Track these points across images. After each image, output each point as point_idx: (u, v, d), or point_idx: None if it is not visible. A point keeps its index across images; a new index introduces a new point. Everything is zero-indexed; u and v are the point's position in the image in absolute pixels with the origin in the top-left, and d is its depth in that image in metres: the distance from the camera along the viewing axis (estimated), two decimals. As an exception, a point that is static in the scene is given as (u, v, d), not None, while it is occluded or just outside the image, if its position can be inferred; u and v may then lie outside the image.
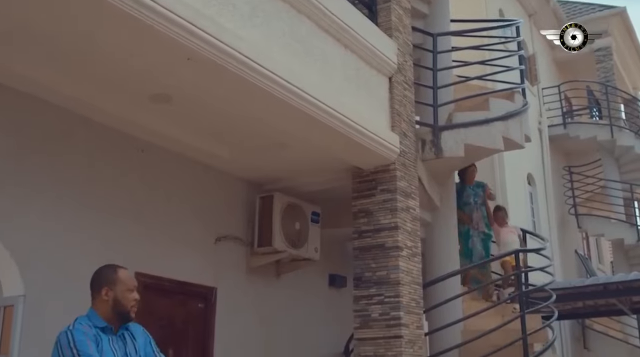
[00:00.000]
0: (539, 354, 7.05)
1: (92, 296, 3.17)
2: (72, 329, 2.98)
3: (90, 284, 3.21)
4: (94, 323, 3.06)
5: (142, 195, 5.75)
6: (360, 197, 6.40)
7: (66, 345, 2.91)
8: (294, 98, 4.96)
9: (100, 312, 3.11)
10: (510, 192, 13.63)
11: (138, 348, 3.15)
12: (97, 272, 3.25)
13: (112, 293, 3.14)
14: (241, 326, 6.54)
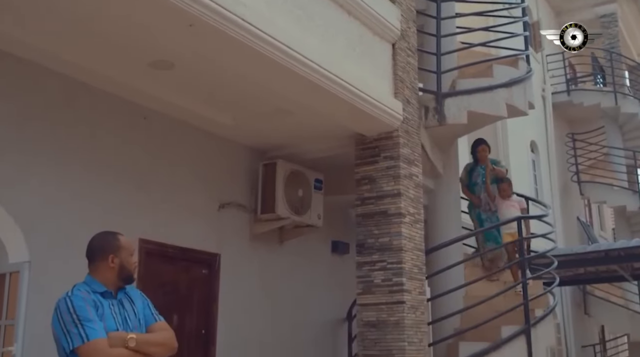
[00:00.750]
0: (539, 319, 7.11)
1: (93, 263, 3.16)
2: (70, 296, 2.97)
3: (91, 252, 3.19)
4: (93, 289, 3.06)
5: (144, 162, 5.76)
6: (363, 164, 6.40)
7: (65, 311, 2.90)
8: (297, 65, 4.94)
9: (100, 279, 3.10)
10: (513, 159, 13.61)
11: (137, 312, 3.16)
12: (97, 240, 3.22)
13: (118, 260, 3.14)
14: (245, 292, 6.60)
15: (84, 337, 2.83)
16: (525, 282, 7.05)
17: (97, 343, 2.84)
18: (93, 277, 3.11)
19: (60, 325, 2.89)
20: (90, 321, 2.89)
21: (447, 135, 7.90)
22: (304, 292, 7.42)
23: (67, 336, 2.85)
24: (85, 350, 2.82)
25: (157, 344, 3.08)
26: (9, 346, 4.31)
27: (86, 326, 2.86)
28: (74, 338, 2.84)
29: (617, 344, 18.08)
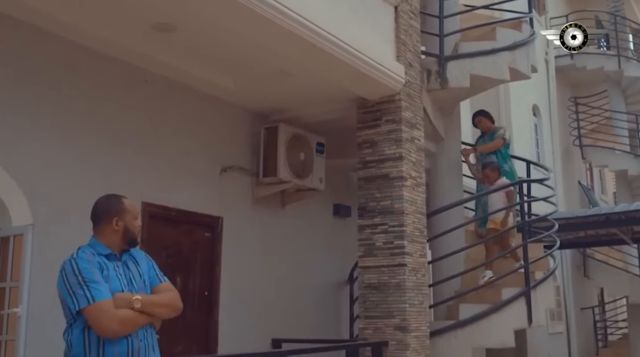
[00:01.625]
0: (539, 282, 7.18)
1: (98, 226, 3.16)
2: (75, 258, 2.97)
3: (96, 215, 3.18)
4: (98, 251, 3.07)
5: (146, 126, 5.75)
6: (365, 127, 6.39)
7: (71, 272, 2.91)
8: (298, 27, 4.89)
9: (105, 242, 3.11)
10: (515, 123, 13.57)
11: (142, 273, 3.16)
12: (102, 203, 3.21)
13: (122, 223, 3.14)
14: (247, 255, 6.66)
15: (89, 299, 2.85)
16: (526, 245, 7.10)
17: (102, 304, 2.86)
18: (97, 239, 3.12)
19: (65, 286, 2.90)
20: (95, 283, 2.90)
21: (449, 99, 7.87)
22: (306, 255, 7.48)
23: (73, 297, 2.87)
24: (91, 311, 2.84)
25: (162, 305, 3.11)
26: (14, 308, 4.36)
27: (92, 287, 2.88)
28: (80, 299, 2.85)
29: (615, 306, 18.29)
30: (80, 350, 2.87)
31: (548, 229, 7.99)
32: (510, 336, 6.75)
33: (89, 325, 2.87)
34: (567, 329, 15.19)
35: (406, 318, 5.86)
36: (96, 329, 2.86)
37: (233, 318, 6.34)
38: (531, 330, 10.16)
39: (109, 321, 2.86)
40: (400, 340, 5.85)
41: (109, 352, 2.87)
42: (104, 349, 2.87)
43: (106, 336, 2.87)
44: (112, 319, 2.87)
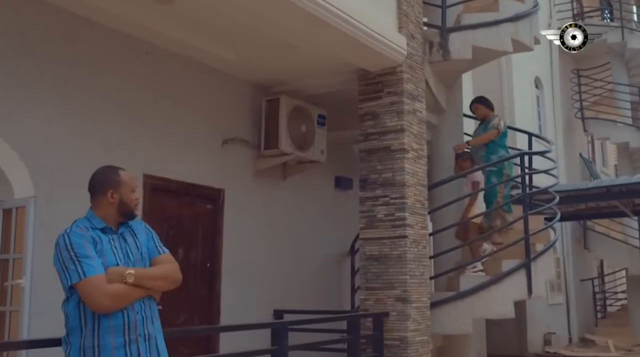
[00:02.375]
0: (540, 253, 7.21)
1: (94, 198, 3.10)
2: (68, 232, 2.93)
3: (92, 186, 3.13)
4: (93, 224, 3.03)
5: (147, 98, 5.73)
6: (367, 99, 6.36)
7: (64, 248, 2.89)
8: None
9: (100, 214, 3.05)
10: (517, 95, 13.51)
11: (140, 245, 3.11)
12: (98, 175, 3.15)
13: (118, 195, 3.08)
14: (249, 227, 6.68)
15: (80, 274, 2.83)
16: (526, 217, 7.12)
17: (93, 279, 2.84)
18: (94, 212, 3.09)
19: (59, 261, 2.89)
20: (87, 258, 2.87)
21: (451, 71, 7.82)
22: (308, 227, 7.51)
23: (66, 272, 2.86)
24: (83, 286, 2.83)
25: (157, 278, 3.06)
26: (18, 279, 4.39)
27: (83, 263, 2.85)
28: (72, 275, 2.84)
29: (615, 278, 18.40)
30: (76, 323, 2.88)
31: (549, 201, 8.01)
32: (510, 307, 6.80)
33: None
34: (567, 301, 15.31)
35: (407, 289, 5.90)
36: (88, 304, 2.84)
37: (235, 289, 6.39)
38: (531, 301, 10.25)
39: (100, 296, 2.83)
40: (401, 311, 5.90)
41: (104, 326, 2.86)
42: (99, 322, 2.86)
43: (98, 311, 2.85)
44: (104, 294, 2.84)
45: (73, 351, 2.87)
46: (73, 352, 2.87)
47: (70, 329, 2.89)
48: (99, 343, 2.84)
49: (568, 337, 15.13)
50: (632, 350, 14.00)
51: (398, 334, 5.87)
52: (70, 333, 2.90)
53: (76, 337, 2.86)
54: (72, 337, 2.88)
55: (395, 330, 5.89)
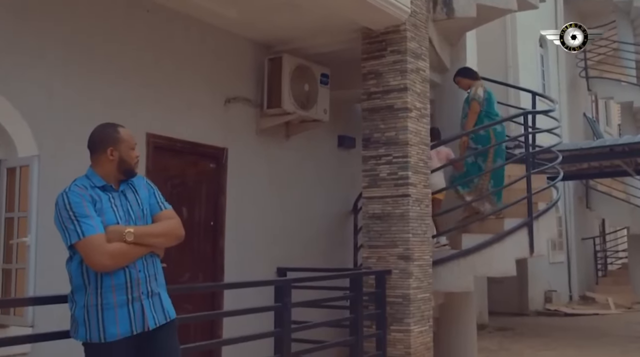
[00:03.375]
0: (542, 212, 7.24)
1: (93, 156, 3.08)
2: (67, 192, 2.92)
3: (91, 144, 3.10)
4: (93, 183, 3.00)
5: (148, 56, 5.68)
6: (370, 58, 6.30)
7: (63, 207, 2.88)
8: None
9: (100, 172, 3.04)
10: (521, 54, 13.39)
11: (141, 202, 3.09)
12: (97, 133, 3.12)
13: (117, 153, 3.05)
14: (252, 186, 6.70)
15: (79, 234, 2.84)
16: (529, 176, 7.12)
17: (92, 239, 2.84)
18: (93, 170, 3.06)
19: (59, 221, 2.90)
20: (86, 217, 2.87)
21: (455, 29, 7.74)
22: (311, 186, 7.53)
23: (66, 232, 2.87)
24: (82, 246, 2.84)
25: (159, 235, 3.06)
26: (23, 237, 4.42)
27: (82, 222, 2.85)
28: (71, 234, 2.85)
29: (616, 237, 18.52)
30: (79, 281, 2.90)
31: (552, 160, 8.01)
32: (511, 265, 6.86)
33: None
34: (568, 259, 15.44)
35: (409, 247, 5.94)
36: (88, 264, 2.86)
37: (238, 247, 6.44)
38: (532, 259, 10.36)
39: (99, 255, 2.83)
40: (403, 269, 5.95)
41: (106, 284, 2.87)
42: (101, 281, 2.87)
43: (99, 270, 2.86)
44: (103, 253, 2.84)
45: (78, 309, 2.91)
46: (78, 311, 2.91)
47: (75, 287, 2.93)
48: (102, 302, 2.87)
49: (569, 295, 15.31)
50: (631, 307, 14.18)
51: (400, 291, 5.94)
52: (74, 292, 2.93)
53: (80, 296, 2.90)
54: (76, 295, 2.92)
55: (398, 287, 5.95)
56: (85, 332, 2.87)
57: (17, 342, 3.69)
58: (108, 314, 2.86)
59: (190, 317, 5.52)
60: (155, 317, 3.00)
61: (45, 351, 4.05)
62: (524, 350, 8.68)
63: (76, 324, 2.91)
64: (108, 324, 2.86)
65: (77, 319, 2.90)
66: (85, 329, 2.87)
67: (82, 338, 2.90)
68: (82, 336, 2.89)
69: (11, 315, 4.42)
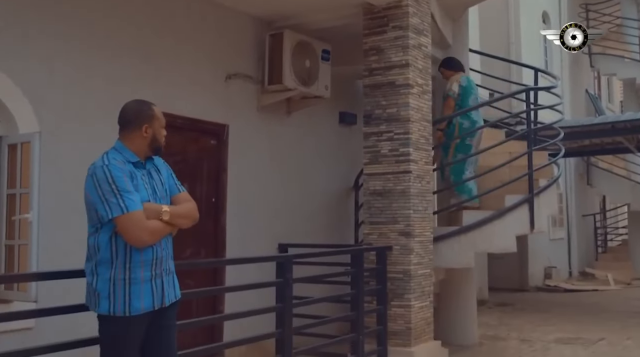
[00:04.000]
0: (543, 189, 7.25)
1: (126, 132, 3.09)
2: (107, 164, 2.91)
3: (125, 120, 3.11)
4: (126, 158, 3.02)
5: (148, 33, 5.65)
6: (372, 34, 6.26)
7: (104, 180, 2.87)
8: None
9: (133, 148, 3.05)
10: (524, 30, 13.30)
11: (164, 181, 3.17)
12: (132, 109, 3.14)
13: (151, 130, 3.09)
14: (253, 162, 6.70)
15: (123, 208, 2.86)
16: (530, 153, 7.11)
17: (135, 215, 2.89)
18: (125, 145, 3.07)
19: (97, 193, 2.89)
20: (128, 192, 2.90)
21: (457, 5, 7.68)
22: (312, 163, 7.52)
23: (106, 205, 2.87)
24: (124, 220, 2.86)
25: (184, 216, 3.15)
26: (25, 213, 4.44)
27: (125, 197, 2.88)
28: (113, 208, 2.86)
29: (616, 214, 18.56)
30: (107, 255, 2.91)
31: (553, 137, 7.99)
32: (512, 241, 6.89)
33: (116, 232, 2.90)
34: (568, 235, 15.50)
35: (410, 224, 5.96)
36: (127, 239, 2.89)
37: (240, 224, 6.46)
38: (532, 236, 10.39)
39: (140, 231, 2.90)
40: (404, 245, 5.97)
41: (135, 260, 2.93)
42: (130, 256, 2.92)
43: (136, 245, 2.92)
44: (144, 229, 2.91)
45: (101, 282, 2.91)
46: (101, 284, 2.91)
47: (100, 261, 2.92)
48: (130, 276, 2.92)
49: (568, 271, 15.40)
50: (631, 283, 14.26)
51: (401, 267, 5.97)
52: (99, 264, 2.93)
53: (106, 269, 2.91)
54: (100, 268, 2.92)
55: (399, 263, 5.98)
56: (109, 305, 2.90)
57: (23, 317, 3.74)
58: (135, 289, 2.93)
59: (192, 292, 5.56)
60: (170, 295, 3.10)
61: (48, 325, 4.09)
62: (523, 325, 8.75)
63: (97, 296, 2.92)
64: (134, 298, 2.92)
65: (99, 291, 2.91)
66: (109, 302, 2.90)
67: (104, 311, 2.91)
68: (104, 309, 2.91)
69: (15, 290, 4.45)
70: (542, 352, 7.05)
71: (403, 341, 5.90)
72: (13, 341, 3.82)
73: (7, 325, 3.88)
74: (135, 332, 2.98)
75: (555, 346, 7.37)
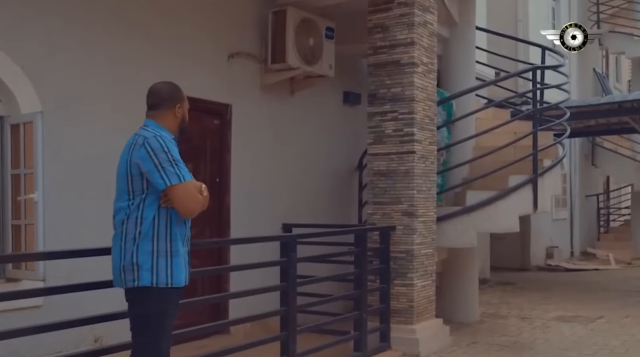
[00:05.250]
0: (547, 169, 7.23)
1: (160, 111, 3.16)
2: (160, 136, 2.99)
3: (159, 99, 3.19)
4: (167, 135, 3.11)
5: (150, 11, 5.59)
6: (376, 11, 6.19)
7: (160, 149, 2.94)
8: None
9: (167, 127, 3.14)
10: (532, 7, 13.16)
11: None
12: (166, 89, 3.24)
13: (181, 111, 3.21)
14: (257, 142, 6.68)
15: (180, 177, 2.95)
16: (535, 133, 7.08)
17: (190, 185, 3.01)
18: (159, 124, 3.14)
19: (153, 162, 2.94)
20: (181, 163, 3.00)
21: (464, -19, 7.59)
22: (316, 143, 7.50)
23: (162, 173, 2.93)
24: (180, 189, 2.95)
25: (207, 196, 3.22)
26: (31, 193, 4.45)
27: (181, 167, 2.98)
28: (171, 176, 2.94)
29: (620, 194, 18.53)
30: (150, 228, 2.97)
31: (559, 117, 7.95)
32: (515, 221, 6.89)
33: (159, 205, 2.97)
34: (571, 216, 15.49)
35: (414, 204, 5.96)
36: (180, 207, 2.99)
37: (244, 204, 6.46)
38: (535, 216, 10.40)
39: (192, 202, 3.02)
40: (407, 225, 5.97)
41: (174, 233, 3.03)
42: (171, 229, 3.01)
43: (186, 216, 3.04)
44: (196, 200, 3.04)
45: (143, 255, 2.96)
46: (143, 256, 2.96)
47: (142, 233, 2.97)
48: (172, 249, 3.01)
49: (570, 251, 15.42)
50: (631, 263, 14.30)
51: (404, 247, 5.98)
52: (140, 237, 2.96)
53: (147, 243, 2.97)
54: (142, 241, 2.97)
55: (402, 243, 5.99)
56: (152, 277, 2.96)
57: (32, 295, 3.79)
58: (177, 261, 3.03)
59: (198, 271, 5.57)
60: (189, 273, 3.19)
61: (56, 303, 4.12)
62: (523, 304, 8.80)
63: (138, 270, 2.96)
64: (176, 270, 3.02)
65: (141, 265, 2.96)
66: (152, 274, 2.96)
67: (146, 282, 2.96)
68: (147, 281, 2.96)
69: (23, 269, 4.48)
70: (541, 330, 7.10)
71: (405, 319, 5.94)
72: (22, 318, 3.86)
73: (17, 303, 3.92)
74: (174, 303, 3.09)
75: (555, 324, 7.42)
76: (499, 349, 6.19)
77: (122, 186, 3.03)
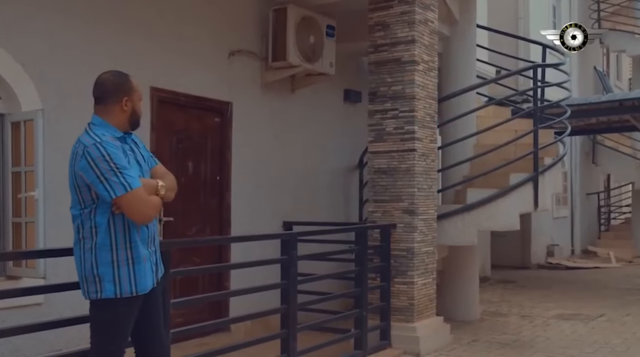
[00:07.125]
0: (548, 167, 7.22)
1: (104, 105, 2.92)
2: (100, 142, 2.75)
3: (103, 92, 2.93)
4: (111, 133, 2.86)
5: (151, 9, 5.60)
6: (377, 9, 6.18)
7: (100, 158, 2.72)
8: None
9: (114, 122, 2.90)
10: (532, 4, 13.15)
11: (143, 155, 3.04)
12: (110, 81, 2.94)
13: (130, 104, 2.94)
14: (258, 140, 6.68)
15: (126, 186, 2.74)
16: (536, 131, 7.07)
17: (139, 192, 2.79)
18: (105, 120, 2.91)
19: (94, 173, 2.73)
20: (127, 169, 2.78)
21: (465, -21, 7.58)
22: (316, 141, 7.50)
23: (106, 184, 2.73)
24: (129, 198, 2.75)
25: (172, 189, 3.07)
26: (31, 191, 4.45)
27: (126, 175, 2.76)
28: (115, 187, 2.73)
29: (621, 192, 18.52)
30: (106, 237, 2.80)
31: (560, 115, 7.94)
32: (515, 219, 6.88)
33: (112, 211, 2.79)
34: (572, 214, 15.49)
35: (414, 202, 5.95)
36: (132, 216, 2.80)
37: (245, 201, 6.47)
38: (536, 214, 10.38)
39: (146, 208, 2.82)
40: (408, 223, 5.97)
41: (134, 239, 2.85)
42: (129, 234, 2.84)
43: (142, 223, 2.85)
44: (149, 205, 2.84)
45: (102, 266, 2.80)
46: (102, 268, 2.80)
47: (99, 244, 2.80)
48: (133, 255, 2.85)
49: (571, 249, 15.42)
50: (632, 261, 14.28)
51: (405, 245, 5.97)
52: (97, 249, 2.80)
53: (106, 252, 2.81)
54: (100, 252, 2.80)
55: (402, 241, 5.98)
56: (115, 288, 2.81)
57: (33, 292, 3.78)
58: (139, 268, 2.86)
59: (198, 269, 5.61)
60: (159, 271, 3.08)
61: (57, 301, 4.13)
62: (524, 302, 8.80)
63: (100, 281, 2.81)
64: (139, 277, 2.86)
65: (102, 276, 2.80)
66: (115, 285, 2.81)
67: (110, 294, 2.81)
68: (110, 292, 2.81)
69: (23, 267, 4.49)
70: (542, 328, 7.10)
71: (406, 317, 5.93)
72: (23, 316, 3.86)
73: (18, 301, 3.92)
74: (136, 310, 2.94)
75: (555, 322, 7.42)
76: (499, 347, 6.20)
77: (73, 196, 2.87)
